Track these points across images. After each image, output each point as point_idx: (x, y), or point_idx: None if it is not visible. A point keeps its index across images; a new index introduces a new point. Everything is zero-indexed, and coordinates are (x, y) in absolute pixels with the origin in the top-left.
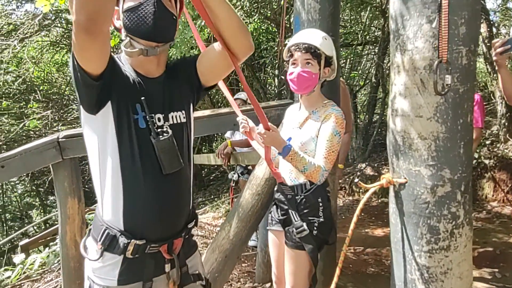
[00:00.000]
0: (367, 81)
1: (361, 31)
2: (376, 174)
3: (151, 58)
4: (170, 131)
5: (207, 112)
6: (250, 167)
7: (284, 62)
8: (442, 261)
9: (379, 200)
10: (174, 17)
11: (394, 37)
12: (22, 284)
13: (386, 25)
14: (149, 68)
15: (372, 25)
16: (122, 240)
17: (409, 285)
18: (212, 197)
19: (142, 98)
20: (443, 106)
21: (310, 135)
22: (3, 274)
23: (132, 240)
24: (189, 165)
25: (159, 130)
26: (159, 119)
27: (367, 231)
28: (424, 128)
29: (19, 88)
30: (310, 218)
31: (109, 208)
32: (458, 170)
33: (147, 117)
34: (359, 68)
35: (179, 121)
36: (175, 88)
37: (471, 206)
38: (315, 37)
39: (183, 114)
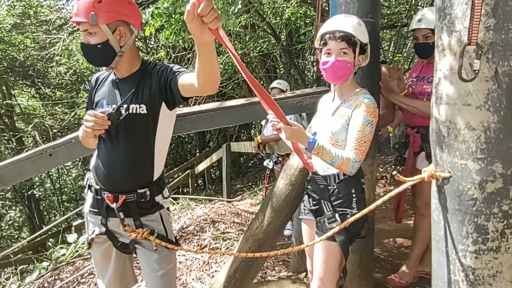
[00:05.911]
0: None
1: (406, 11)
2: None
3: (117, 68)
4: (123, 114)
5: (241, 101)
6: (286, 158)
7: (316, 50)
8: (491, 263)
9: None
10: (98, 46)
11: (440, 17)
12: (75, 262)
13: (434, 4)
14: (118, 74)
15: (418, 4)
16: (90, 183)
17: (453, 286)
18: (249, 184)
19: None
20: (496, 93)
21: (341, 123)
22: (59, 252)
23: (94, 185)
24: (149, 146)
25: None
26: (126, 108)
27: (409, 223)
28: (473, 118)
29: (70, 79)
30: (342, 209)
31: (91, 164)
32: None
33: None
34: (404, 50)
35: (138, 112)
36: (140, 86)
37: None
38: (350, 23)
39: (142, 107)
